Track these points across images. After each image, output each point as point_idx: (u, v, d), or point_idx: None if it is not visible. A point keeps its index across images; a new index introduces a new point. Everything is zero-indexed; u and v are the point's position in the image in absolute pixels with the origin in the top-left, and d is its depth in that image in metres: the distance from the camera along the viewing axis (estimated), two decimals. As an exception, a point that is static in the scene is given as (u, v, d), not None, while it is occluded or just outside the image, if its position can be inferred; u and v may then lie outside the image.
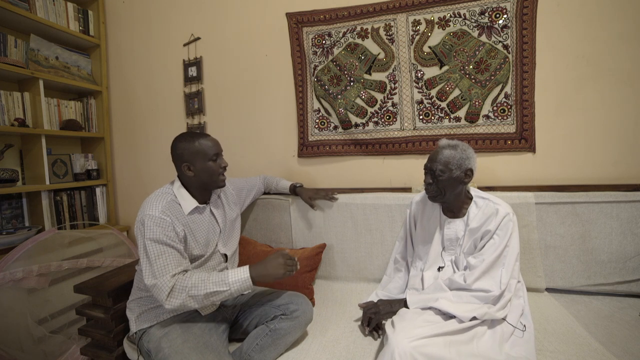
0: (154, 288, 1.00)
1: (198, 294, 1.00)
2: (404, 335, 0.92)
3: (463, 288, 1.10)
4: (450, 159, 1.16)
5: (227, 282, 1.02)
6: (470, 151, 1.20)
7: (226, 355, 1.06)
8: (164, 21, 2.12)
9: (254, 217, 1.80)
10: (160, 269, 1.01)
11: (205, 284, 1.01)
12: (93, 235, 1.91)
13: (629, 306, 1.27)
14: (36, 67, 1.86)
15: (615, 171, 1.49)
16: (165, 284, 0.99)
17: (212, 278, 1.02)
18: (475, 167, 1.20)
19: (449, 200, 1.23)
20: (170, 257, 1.04)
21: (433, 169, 1.18)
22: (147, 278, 1.02)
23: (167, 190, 1.19)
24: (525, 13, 1.50)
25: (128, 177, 2.33)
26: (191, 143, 1.17)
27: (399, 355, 0.87)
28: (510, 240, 1.13)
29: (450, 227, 1.25)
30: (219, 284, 1.02)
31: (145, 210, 1.08)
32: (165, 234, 1.05)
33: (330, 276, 1.67)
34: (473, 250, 1.18)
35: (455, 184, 1.18)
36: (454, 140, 1.24)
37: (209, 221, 1.24)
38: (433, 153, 1.22)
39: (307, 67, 1.84)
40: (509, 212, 1.16)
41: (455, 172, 1.16)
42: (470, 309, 1.03)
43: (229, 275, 1.03)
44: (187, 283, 1.00)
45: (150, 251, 1.03)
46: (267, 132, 1.98)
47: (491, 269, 1.10)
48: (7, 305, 1.47)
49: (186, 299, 1.00)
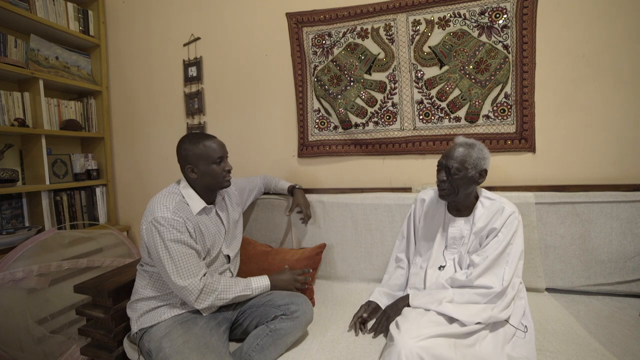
0: (184, 290, 1.06)
1: (226, 297, 1.14)
2: (409, 335, 0.91)
3: (465, 285, 1.10)
4: (467, 158, 1.14)
5: (251, 288, 1.20)
6: (486, 152, 1.18)
7: (227, 356, 1.06)
8: (164, 21, 2.12)
9: (254, 217, 1.79)
10: (187, 271, 1.06)
11: (233, 289, 1.16)
12: (93, 235, 1.91)
13: (629, 306, 1.27)
14: (36, 67, 1.86)
15: (615, 171, 1.49)
16: (196, 287, 1.07)
17: (239, 284, 1.18)
18: (489, 168, 1.18)
19: (459, 200, 1.21)
20: (193, 258, 1.09)
21: (449, 166, 1.15)
22: (176, 279, 1.05)
23: (173, 189, 1.19)
24: (525, 13, 1.50)
25: (128, 177, 2.33)
26: (196, 145, 1.17)
27: (406, 356, 0.86)
28: (514, 238, 1.12)
29: (455, 226, 1.24)
30: (245, 289, 1.18)
31: (156, 211, 1.08)
32: (182, 235, 1.08)
33: (330, 276, 1.67)
34: (478, 249, 1.18)
35: (469, 184, 1.16)
36: (470, 139, 1.21)
37: (215, 222, 1.25)
38: (449, 149, 1.19)
39: (307, 67, 1.84)
40: (515, 211, 1.15)
41: (470, 171, 1.14)
42: (474, 313, 1.02)
43: (252, 282, 1.21)
44: (216, 286, 1.12)
45: (173, 253, 1.05)
46: (267, 132, 1.98)
47: (494, 265, 1.10)
48: (7, 305, 1.47)
49: (215, 300, 1.12)
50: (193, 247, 1.10)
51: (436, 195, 1.32)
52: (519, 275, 1.13)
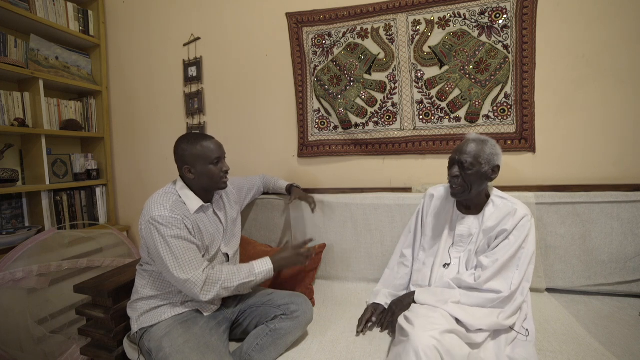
0: (187, 283, 1.06)
1: (231, 285, 1.11)
2: (424, 330, 0.89)
3: (473, 288, 1.09)
4: (481, 153, 1.13)
5: (254, 273, 1.15)
6: (498, 148, 1.17)
7: (227, 356, 1.06)
8: (164, 21, 2.12)
9: (254, 217, 1.79)
10: (189, 265, 1.06)
11: (237, 276, 1.12)
12: (93, 235, 1.91)
13: (629, 306, 1.27)
14: (36, 67, 1.86)
15: (615, 171, 1.49)
16: (199, 279, 1.06)
17: (242, 270, 1.14)
18: (502, 164, 1.17)
19: (471, 197, 1.19)
20: (193, 252, 1.09)
21: (462, 161, 1.13)
22: (178, 273, 1.05)
23: (170, 190, 1.19)
24: (525, 13, 1.50)
25: (128, 177, 2.33)
26: (193, 145, 1.17)
27: (424, 351, 0.84)
28: (525, 242, 1.10)
29: (463, 223, 1.22)
30: (249, 276, 1.14)
31: (153, 211, 1.08)
32: (182, 231, 1.08)
33: (330, 276, 1.67)
34: (486, 250, 1.16)
35: (482, 180, 1.15)
36: (482, 135, 1.21)
37: (213, 221, 1.25)
38: (461, 145, 1.18)
39: (307, 67, 1.84)
40: (527, 214, 1.13)
41: (484, 167, 1.13)
42: (479, 317, 1.01)
43: (255, 266, 1.16)
44: (219, 276, 1.10)
45: (174, 248, 1.05)
46: (267, 132, 1.98)
47: (504, 270, 1.08)
48: (7, 305, 1.47)
49: (220, 290, 1.09)
50: (193, 241, 1.10)
51: (446, 192, 1.31)
52: (529, 280, 1.10)
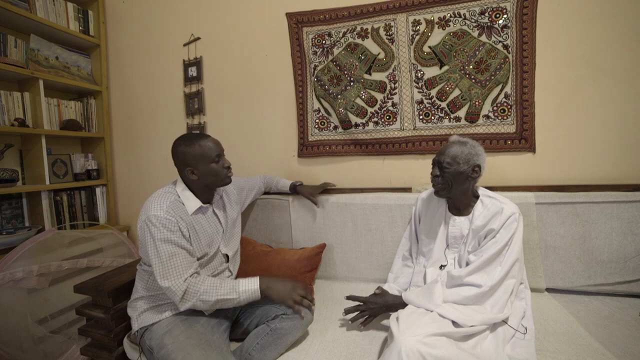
0: (168, 290, 1.05)
1: (209, 299, 1.05)
2: (410, 333, 0.90)
3: (454, 277, 1.11)
4: (459, 154, 1.18)
5: (238, 291, 1.08)
6: (479, 148, 1.21)
7: (228, 353, 1.07)
8: (164, 21, 2.12)
9: (254, 217, 1.80)
10: (172, 272, 1.04)
11: (217, 290, 1.06)
12: (93, 235, 1.91)
13: (629, 306, 1.27)
14: (36, 67, 1.86)
15: (615, 171, 1.49)
16: (179, 288, 1.04)
17: (224, 285, 1.08)
18: (484, 164, 1.20)
19: (454, 196, 1.23)
20: (180, 258, 1.07)
21: (440, 162, 1.20)
22: (160, 280, 1.04)
23: (169, 190, 1.18)
24: (525, 13, 1.50)
25: (128, 177, 2.33)
26: (191, 146, 1.16)
27: (406, 353, 0.85)
28: (511, 240, 1.11)
29: (455, 225, 1.25)
30: (230, 292, 1.07)
31: (150, 210, 1.08)
32: (173, 234, 1.07)
33: (330, 276, 1.67)
34: (477, 249, 1.18)
35: (462, 179, 1.18)
36: (465, 137, 1.25)
37: (212, 221, 1.25)
38: (443, 147, 1.24)
39: (307, 67, 1.84)
40: (515, 212, 1.14)
41: (462, 166, 1.17)
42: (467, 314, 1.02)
43: (240, 284, 1.09)
44: (199, 288, 1.05)
45: (161, 252, 1.04)
46: (267, 132, 1.98)
47: (487, 265, 1.10)
48: (7, 305, 1.47)
49: (197, 302, 1.05)
50: (184, 246, 1.08)
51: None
52: (514, 277, 1.10)
